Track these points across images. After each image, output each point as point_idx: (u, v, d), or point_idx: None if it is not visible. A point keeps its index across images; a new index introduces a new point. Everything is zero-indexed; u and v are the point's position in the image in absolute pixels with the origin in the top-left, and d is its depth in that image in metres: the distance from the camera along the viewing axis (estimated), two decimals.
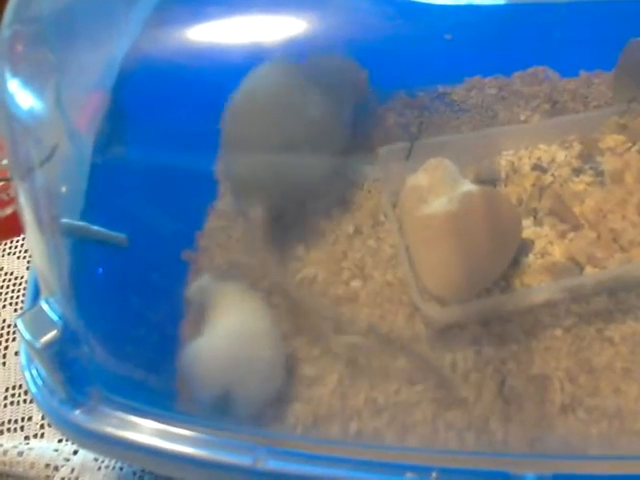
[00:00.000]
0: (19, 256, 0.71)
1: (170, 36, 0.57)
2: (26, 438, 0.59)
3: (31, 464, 0.56)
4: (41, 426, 0.59)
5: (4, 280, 0.69)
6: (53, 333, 0.46)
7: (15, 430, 0.59)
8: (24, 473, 0.56)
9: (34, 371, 0.49)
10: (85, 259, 0.52)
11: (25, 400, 0.61)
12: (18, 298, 0.68)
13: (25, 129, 0.48)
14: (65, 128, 0.51)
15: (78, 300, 0.47)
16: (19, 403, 0.61)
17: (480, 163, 0.63)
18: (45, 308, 0.47)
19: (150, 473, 0.54)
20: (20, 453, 0.56)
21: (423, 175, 0.57)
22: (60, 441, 0.57)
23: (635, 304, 0.54)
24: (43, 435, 0.59)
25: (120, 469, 0.55)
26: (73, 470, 0.55)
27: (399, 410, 0.51)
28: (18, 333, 0.47)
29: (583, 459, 0.45)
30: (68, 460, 0.56)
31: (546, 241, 0.58)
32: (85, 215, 0.52)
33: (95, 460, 0.56)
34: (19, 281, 0.69)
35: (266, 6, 0.56)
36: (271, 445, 0.45)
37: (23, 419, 0.60)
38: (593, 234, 0.57)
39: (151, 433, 0.46)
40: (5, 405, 0.61)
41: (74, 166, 0.53)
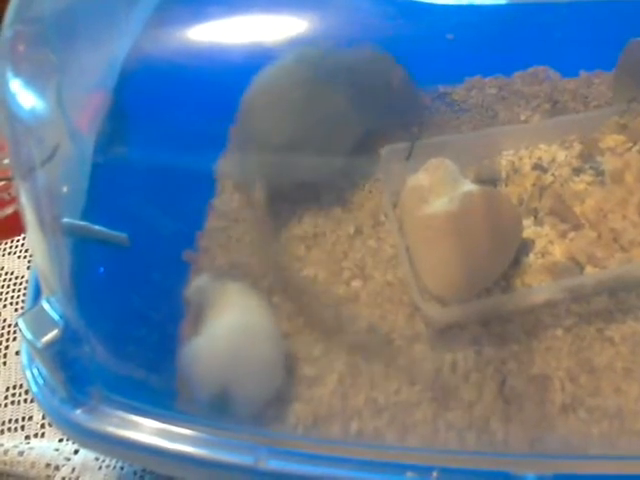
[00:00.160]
0: (20, 256, 0.70)
1: (171, 36, 0.57)
2: (27, 438, 0.59)
3: (32, 464, 0.56)
4: (42, 425, 0.59)
5: (5, 280, 0.69)
6: (54, 333, 0.46)
7: (16, 430, 0.59)
8: (25, 473, 0.56)
9: (35, 370, 0.49)
10: (86, 259, 0.52)
11: (26, 400, 0.61)
12: (19, 298, 0.67)
13: (26, 129, 0.48)
14: (66, 128, 0.51)
15: (79, 300, 0.47)
16: (20, 403, 0.61)
17: (481, 163, 0.63)
18: (46, 308, 0.47)
19: (151, 473, 0.54)
20: (21, 453, 0.56)
21: (424, 175, 0.57)
22: (61, 440, 0.57)
23: (635, 304, 0.54)
24: (44, 434, 0.59)
25: (121, 468, 0.55)
26: (74, 470, 0.55)
27: (399, 410, 0.51)
28: (19, 333, 0.47)
29: (584, 459, 0.45)
30: (69, 459, 0.56)
31: (546, 241, 0.58)
32: (86, 215, 0.52)
33: (96, 459, 0.56)
34: (19, 281, 0.69)
35: (267, 6, 0.56)
36: (272, 445, 0.45)
37: (24, 418, 0.60)
38: (593, 234, 0.57)
39: (152, 432, 0.46)
40: (6, 405, 0.61)
41: (75, 166, 0.53)
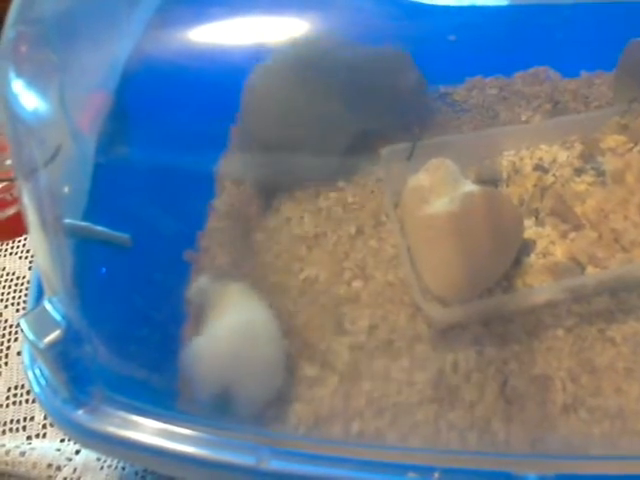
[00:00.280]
0: (21, 256, 0.71)
1: (172, 37, 0.57)
2: (28, 438, 0.59)
3: (33, 464, 0.56)
4: (43, 426, 0.59)
5: (6, 280, 0.69)
6: (56, 333, 0.46)
7: (17, 430, 0.59)
8: (26, 473, 0.56)
9: (37, 371, 0.49)
10: (88, 259, 0.52)
11: (27, 400, 0.61)
12: (20, 298, 0.68)
13: (29, 129, 0.48)
14: (68, 128, 0.51)
15: (81, 300, 0.47)
16: (21, 403, 0.61)
17: (481, 163, 0.63)
18: (48, 308, 0.47)
19: (152, 473, 0.54)
20: (22, 453, 0.56)
21: (425, 175, 0.57)
22: (62, 441, 0.57)
23: (636, 304, 0.54)
24: (45, 435, 0.59)
25: (122, 469, 0.55)
26: (75, 470, 0.55)
27: (401, 410, 0.51)
28: (21, 333, 0.47)
29: (585, 459, 0.45)
30: (70, 460, 0.56)
31: (548, 241, 0.58)
32: (88, 215, 0.52)
33: (97, 460, 0.56)
34: (21, 281, 0.69)
35: (269, 7, 0.56)
36: (274, 445, 0.45)
37: (25, 419, 0.60)
38: (594, 234, 0.57)
39: (154, 433, 0.46)
40: (7, 405, 0.61)
41: (77, 166, 0.53)
